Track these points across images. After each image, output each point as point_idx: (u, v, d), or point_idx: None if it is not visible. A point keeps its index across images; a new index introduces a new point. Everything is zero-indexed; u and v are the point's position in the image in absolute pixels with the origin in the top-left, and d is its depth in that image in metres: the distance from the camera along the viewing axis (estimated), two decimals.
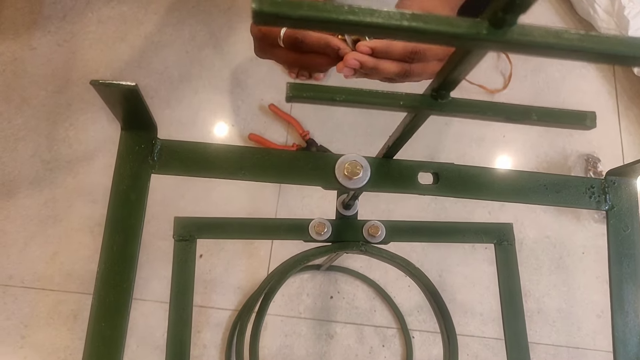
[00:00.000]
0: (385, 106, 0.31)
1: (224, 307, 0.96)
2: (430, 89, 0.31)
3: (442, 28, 0.21)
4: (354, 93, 0.31)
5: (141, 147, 0.43)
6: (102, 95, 0.37)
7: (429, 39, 0.21)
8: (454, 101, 0.31)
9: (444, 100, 0.31)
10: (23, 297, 0.94)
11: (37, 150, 1.03)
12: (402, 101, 0.31)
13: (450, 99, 0.31)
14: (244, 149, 0.45)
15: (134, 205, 0.43)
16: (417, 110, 0.32)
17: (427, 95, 0.31)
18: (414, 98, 0.31)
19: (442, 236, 0.72)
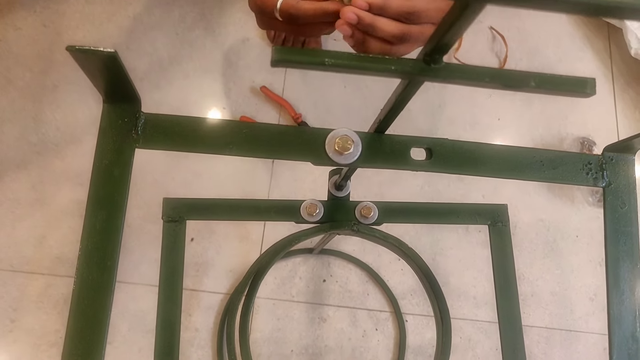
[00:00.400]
0: (377, 71, 0.30)
1: (215, 291, 0.95)
2: (423, 54, 0.29)
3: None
4: (344, 57, 0.30)
5: (124, 121, 0.42)
6: (81, 63, 0.35)
7: None
8: (447, 66, 0.30)
9: (437, 65, 0.30)
10: (12, 281, 0.92)
11: (24, 132, 1.01)
12: (393, 66, 0.29)
13: (443, 64, 0.30)
14: (232, 123, 0.43)
15: (117, 181, 0.41)
16: (410, 76, 0.30)
17: (420, 60, 0.30)
18: (406, 63, 0.30)
19: (435, 217, 0.71)
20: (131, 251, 0.96)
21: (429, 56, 0.29)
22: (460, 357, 0.96)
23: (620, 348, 0.45)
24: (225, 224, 1.00)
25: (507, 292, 0.69)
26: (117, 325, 0.92)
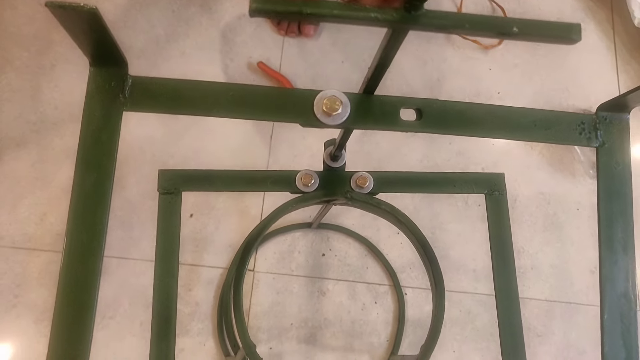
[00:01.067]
0: (357, 20, 0.29)
1: (215, 265, 0.96)
2: (404, 2, 0.29)
3: None
4: (325, 5, 0.29)
5: (111, 85, 0.42)
6: (62, 22, 0.35)
7: None
8: (428, 13, 0.29)
9: (418, 12, 0.29)
10: (14, 258, 0.93)
11: (23, 111, 1.01)
12: (373, 13, 0.29)
13: (424, 11, 0.29)
14: (219, 85, 0.43)
15: (105, 145, 0.42)
16: (391, 24, 0.30)
17: (401, 8, 0.29)
18: (386, 11, 0.29)
19: (432, 186, 0.71)
20: (131, 227, 0.96)
21: (409, 3, 0.29)
22: (459, 330, 0.97)
23: (611, 307, 0.45)
24: (224, 200, 1.00)
25: (503, 259, 0.69)
26: (118, 300, 0.93)
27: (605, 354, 0.44)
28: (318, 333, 0.95)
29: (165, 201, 0.66)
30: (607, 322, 0.44)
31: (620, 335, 0.44)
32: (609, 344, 0.44)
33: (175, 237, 0.64)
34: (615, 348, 0.44)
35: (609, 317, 0.44)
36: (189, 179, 0.67)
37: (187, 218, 0.99)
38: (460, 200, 1.05)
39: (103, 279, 0.92)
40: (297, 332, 0.94)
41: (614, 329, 0.44)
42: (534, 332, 0.98)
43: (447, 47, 1.16)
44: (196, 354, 0.91)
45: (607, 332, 0.44)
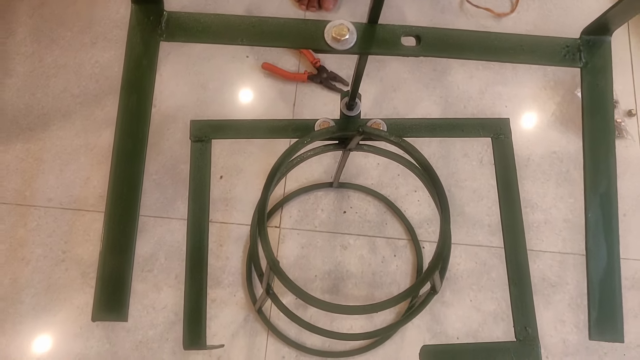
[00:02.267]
0: None
1: (244, 223, 1.03)
2: None
3: None
4: None
5: (149, 19, 0.49)
6: None
7: None
8: None
9: None
10: (62, 217, 1.03)
11: (67, 86, 1.11)
12: None
13: None
14: (242, 18, 0.50)
15: (145, 69, 0.49)
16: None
17: None
18: None
19: (442, 131, 0.76)
20: (165, 189, 1.04)
21: None
22: (475, 280, 1.02)
23: (594, 207, 0.50)
24: (251, 162, 1.07)
25: (509, 197, 0.74)
26: (155, 255, 1.01)
27: (589, 249, 0.49)
28: (340, 284, 1.01)
29: (196, 148, 0.73)
30: (590, 220, 0.49)
31: (602, 230, 0.49)
32: (592, 240, 0.49)
33: (206, 179, 0.71)
34: (598, 243, 0.48)
35: (591, 215, 0.49)
36: (218, 127, 0.74)
37: (217, 180, 1.06)
38: (475, 160, 1.10)
39: (141, 237, 1.01)
40: (321, 283, 1.01)
41: (596, 226, 0.49)
42: (548, 282, 1.02)
43: (460, 16, 1.21)
44: (227, 304, 0.99)
45: (590, 229, 0.49)
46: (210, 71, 1.14)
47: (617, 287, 0.49)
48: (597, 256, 0.49)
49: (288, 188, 1.06)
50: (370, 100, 1.13)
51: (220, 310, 0.98)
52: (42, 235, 1.01)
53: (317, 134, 0.65)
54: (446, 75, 1.17)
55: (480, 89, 1.16)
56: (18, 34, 1.15)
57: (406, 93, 1.14)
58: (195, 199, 0.71)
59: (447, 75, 1.17)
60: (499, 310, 1.00)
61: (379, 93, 1.14)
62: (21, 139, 1.07)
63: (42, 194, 1.04)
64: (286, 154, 0.63)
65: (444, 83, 1.16)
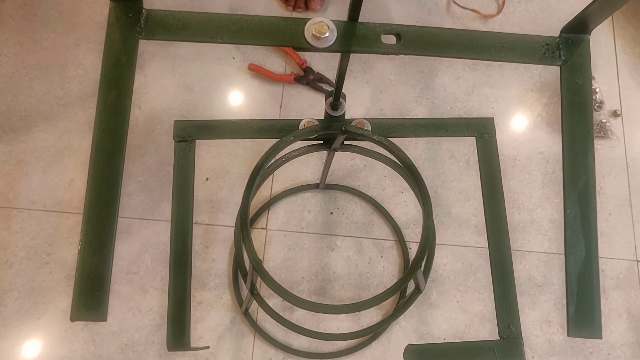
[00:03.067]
0: None
1: (230, 225, 1.03)
2: None
3: None
4: None
5: (129, 17, 0.49)
6: None
7: None
8: None
9: None
10: (46, 220, 1.01)
11: (50, 88, 1.10)
12: None
13: None
14: (222, 16, 0.49)
15: (125, 66, 0.48)
16: None
17: None
18: None
19: (427, 131, 0.77)
20: (151, 190, 1.04)
21: None
22: (462, 281, 1.02)
23: (573, 203, 0.50)
24: (237, 164, 1.07)
25: (493, 195, 0.74)
26: (141, 257, 1.00)
27: (568, 245, 0.49)
28: (327, 286, 1.00)
29: (180, 148, 0.72)
30: (569, 215, 0.49)
31: (581, 226, 0.49)
32: (571, 236, 0.49)
33: (190, 179, 0.70)
34: (576, 239, 0.49)
35: (570, 211, 0.49)
36: (202, 128, 0.73)
37: (203, 182, 1.06)
38: (462, 161, 1.10)
39: (126, 239, 1.00)
40: (307, 285, 1.00)
41: (575, 222, 0.49)
42: (534, 282, 1.02)
43: (447, 17, 1.21)
44: (214, 306, 0.98)
45: (569, 226, 0.49)
46: (196, 73, 1.13)
47: (595, 284, 0.49)
48: (575, 252, 0.50)
49: (274, 189, 1.06)
50: (357, 102, 1.13)
51: (206, 312, 0.97)
52: (26, 238, 1.00)
53: (299, 133, 0.65)
54: (433, 77, 1.17)
55: (467, 90, 1.16)
56: (0, 34, 1.14)
57: (393, 95, 1.15)
58: (179, 199, 0.70)
59: (433, 77, 1.18)
60: (486, 311, 1.00)
61: (365, 95, 1.14)
62: (3, 140, 1.05)
63: (25, 196, 1.03)
64: (268, 153, 0.63)
65: (431, 85, 1.17)
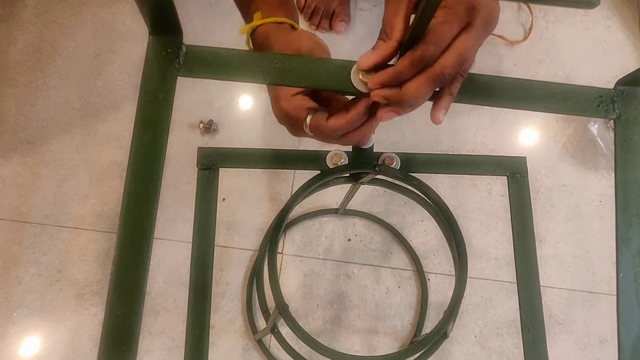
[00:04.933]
0: None
1: (245, 248, 1.00)
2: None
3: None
4: None
5: (167, 52, 0.46)
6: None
7: None
8: None
9: None
10: (58, 235, 0.99)
11: (68, 98, 1.08)
12: None
13: None
14: (265, 55, 0.47)
15: (161, 105, 0.46)
16: None
17: None
18: None
19: (457, 168, 0.74)
20: (166, 209, 1.01)
21: None
22: (481, 315, 0.99)
23: (626, 267, 0.47)
24: (255, 186, 1.04)
25: (524, 241, 0.71)
26: (153, 277, 0.98)
27: (620, 311, 0.47)
28: (343, 315, 0.98)
29: (203, 176, 0.70)
30: (621, 280, 0.47)
31: (634, 293, 0.47)
32: (623, 301, 0.46)
33: (212, 210, 0.68)
34: (630, 305, 0.46)
35: (623, 276, 0.47)
36: (226, 156, 0.71)
37: (219, 202, 1.02)
38: (484, 191, 1.08)
39: None
40: (322, 313, 0.98)
41: (627, 288, 0.47)
42: (555, 319, 1.00)
43: None
44: (226, 331, 0.96)
45: (621, 291, 0.46)
46: (216, 89, 1.11)
47: None
48: (629, 322, 0.47)
49: (292, 213, 1.03)
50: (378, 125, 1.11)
51: (218, 337, 0.95)
52: (37, 253, 0.98)
53: (330, 174, 0.63)
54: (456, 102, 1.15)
55: (491, 117, 1.14)
56: (19, 42, 1.12)
57: (414, 119, 1.12)
58: (200, 231, 0.68)
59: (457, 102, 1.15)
60: (504, 347, 0.98)
61: None
62: (19, 152, 1.03)
63: (38, 210, 1.00)
64: (297, 195, 0.61)
65: (454, 110, 1.14)
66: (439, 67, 0.42)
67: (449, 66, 0.43)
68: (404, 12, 0.44)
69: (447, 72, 0.43)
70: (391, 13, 0.44)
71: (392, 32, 0.44)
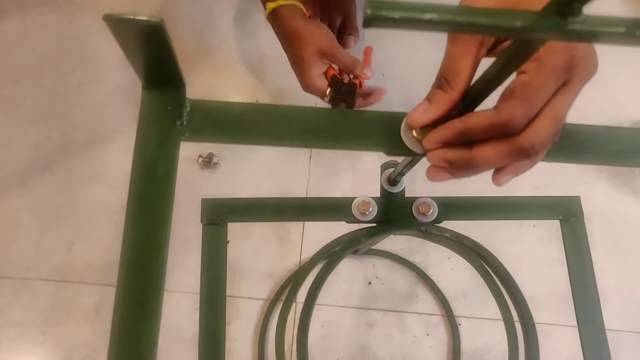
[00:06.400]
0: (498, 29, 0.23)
1: (255, 297, 0.90)
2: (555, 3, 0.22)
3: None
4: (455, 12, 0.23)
5: (167, 110, 0.36)
6: (119, 37, 0.29)
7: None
8: (589, 20, 0.23)
9: (576, 18, 0.23)
10: (41, 291, 0.88)
11: (50, 134, 0.97)
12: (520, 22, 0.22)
13: (583, 17, 0.23)
14: (291, 109, 0.37)
15: (161, 181, 0.35)
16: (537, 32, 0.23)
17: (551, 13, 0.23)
18: (530, 16, 0.23)
19: (501, 212, 0.65)
20: None
21: (566, 6, 0.22)
22: None
23: None
24: (262, 225, 0.94)
25: (586, 295, 0.62)
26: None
27: None
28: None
29: (209, 233, 0.60)
30: None
31: None
32: None
33: (222, 272, 0.58)
34: None
35: None
36: (235, 208, 0.61)
37: None
38: (515, 222, 0.98)
39: None
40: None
41: None
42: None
43: None
44: None
45: None
46: None
47: None
48: None
49: (304, 254, 0.93)
50: None
51: None
52: (17, 312, 0.86)
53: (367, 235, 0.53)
54: None
55: None
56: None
57: None
58: (208, 299, 0.58)
59: None
60: None
61: None
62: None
63: (17, 262, 0.89)
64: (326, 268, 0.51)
65: None
66: (529, 139, 0.32)
67: (540, 136, 0.32)
68: (473, 55, 0.34)
69: (537, 144, 0.32)
70: (456, 55, 0.34)
71: (455, 79, 0.34)
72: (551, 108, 0.32)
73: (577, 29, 0.23)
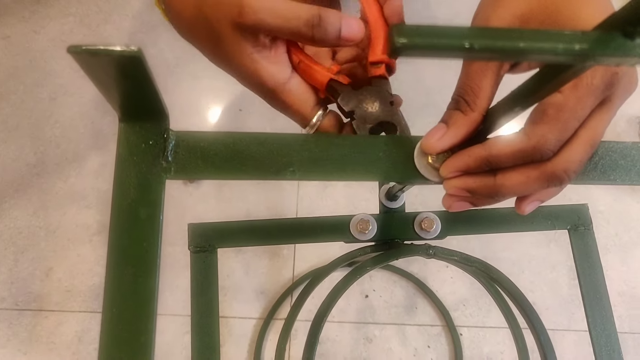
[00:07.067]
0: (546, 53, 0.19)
1: (247, 316, 0.85)
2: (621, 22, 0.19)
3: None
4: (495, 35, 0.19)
5: (149, 145, 0.31)
6: (89, 69, 0.25)
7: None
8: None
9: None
10: (18, 321, 0.82)
11: (21, 153, 0.91)
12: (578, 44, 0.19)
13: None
14: (292, 138, 0.33)
15: (145, 225, 0.31)
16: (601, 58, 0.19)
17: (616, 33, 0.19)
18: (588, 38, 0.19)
19: (507, 225, 0.62)
20: None
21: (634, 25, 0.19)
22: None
23: None
24: None
25: (598, 305, 0.60)
26: None
27: None
28: None
29: (198, 260, 0.56)
30: None
31: None
32: None
33: (214, 301, 0.54)
34: None
35: None
36: (225, 232, 0.57)
37: None
38: None
39: None
40: None
41: None
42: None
43: None
44: None
45: None
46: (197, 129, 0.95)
47: None
48: None
49: (297, 270, 0.89)
50: None
51: None
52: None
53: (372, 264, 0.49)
54: None
55: None
56: None
57: None
58: (199, 329, 0.54)
59: None
60: None
61: None
62: None
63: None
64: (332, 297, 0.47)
65: None
66: (562, 165, 0.28)
67: (575, 162, 0.29)
68: (495, 73, 0.30)
69: (571, 170, 0.29)
70: (475, 72, 0.30)
71: (475, 100, 0.30)
72: (587, 130, 0.29)
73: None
